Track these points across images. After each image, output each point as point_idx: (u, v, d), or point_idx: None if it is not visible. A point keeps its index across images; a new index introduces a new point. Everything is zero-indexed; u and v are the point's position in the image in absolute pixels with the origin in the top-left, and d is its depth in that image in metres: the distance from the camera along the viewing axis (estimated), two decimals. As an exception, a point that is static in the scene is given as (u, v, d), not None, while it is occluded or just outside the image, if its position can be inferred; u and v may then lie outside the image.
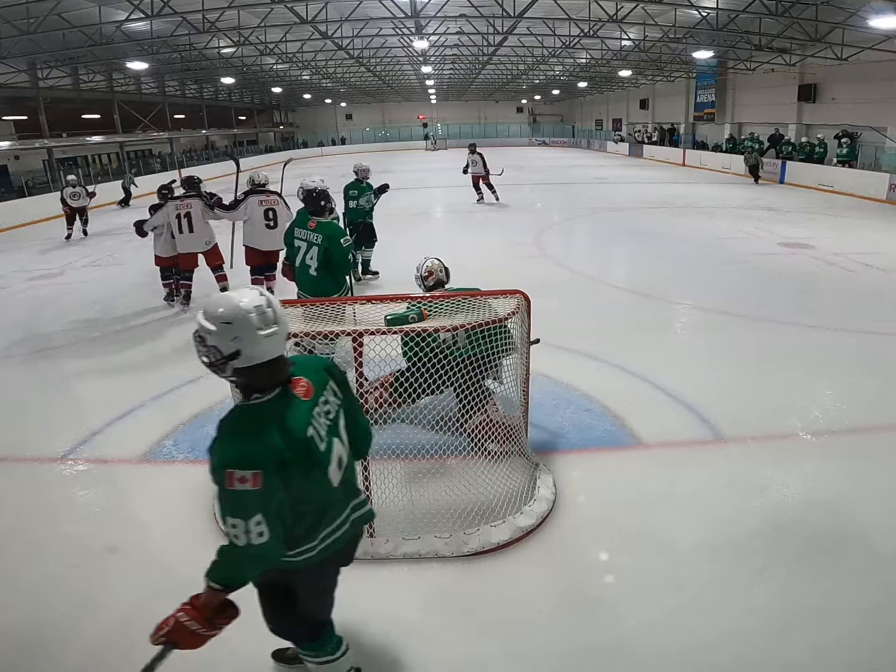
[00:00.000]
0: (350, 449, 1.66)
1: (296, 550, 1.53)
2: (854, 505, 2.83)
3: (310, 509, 1.51)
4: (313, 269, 4.00)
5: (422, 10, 14.01)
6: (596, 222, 10.87)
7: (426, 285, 3.47)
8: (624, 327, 5.26)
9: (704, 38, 15.92)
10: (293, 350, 2.84)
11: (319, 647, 1.74)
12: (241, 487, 1.33)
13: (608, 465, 3.26)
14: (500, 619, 2.27)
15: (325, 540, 1.56)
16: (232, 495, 1.35)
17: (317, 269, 4.00)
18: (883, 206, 12.00)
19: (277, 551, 1.44)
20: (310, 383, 1.52)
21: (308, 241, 4.00)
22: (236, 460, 1.34)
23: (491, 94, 37.38)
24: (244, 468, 1.33)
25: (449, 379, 2.78)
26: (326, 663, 1.74)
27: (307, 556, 1.54)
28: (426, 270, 3.47)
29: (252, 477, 1.33)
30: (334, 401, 1.59)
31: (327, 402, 1.56)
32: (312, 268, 4.00)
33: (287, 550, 1.49)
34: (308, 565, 1.56)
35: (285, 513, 1.41)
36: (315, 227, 3.98)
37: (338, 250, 3.94)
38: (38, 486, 3.23)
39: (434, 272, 3.47)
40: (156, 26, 14.00)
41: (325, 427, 1.52)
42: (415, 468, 2.96)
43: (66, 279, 7.93)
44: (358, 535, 1.71)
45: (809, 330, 5.14)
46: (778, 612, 2.24)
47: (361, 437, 1.76)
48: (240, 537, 1.37)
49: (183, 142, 29.38)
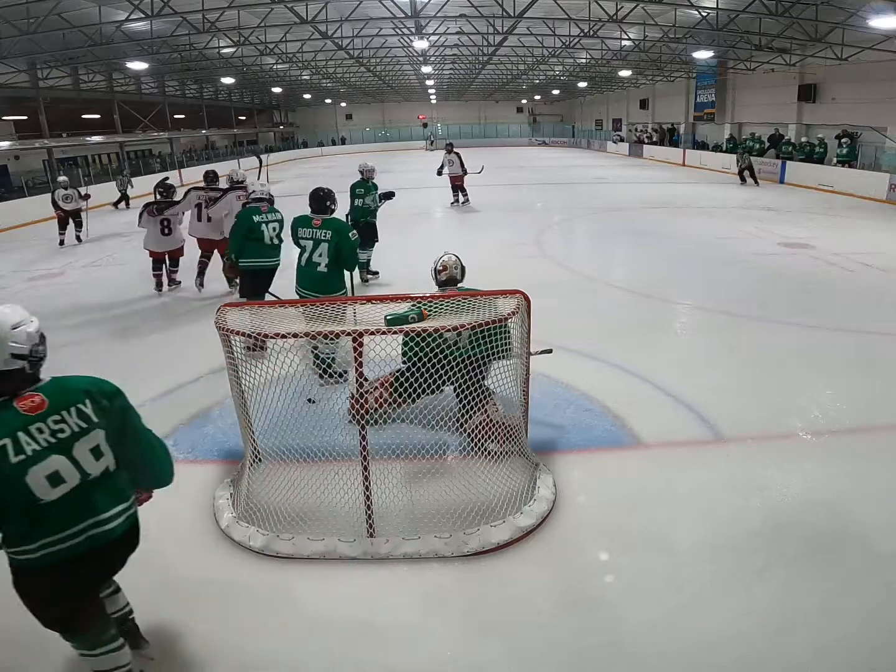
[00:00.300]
0: (113, 470, 1.79)
1: (13, 549, 1.66)
2: (854, 505, 2.83)
3: (13, 513, 1.62)
4: (322, 265, 4.00)
5: (422, 10, 14.01)
6: (596, 222, 10.87)
7: (438, 280, 3.46)
8: (624, 327, 5.26)
9: (704, 38, 15.92)
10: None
11: (75, 642, 1.85)
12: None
13: (608, 465, 3.26)
14: (500, 619, 2.27)
15: (46, 548, 1.65)
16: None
17: (327, 266, 4.01)
18: (883, 206, 12.00)
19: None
20: (45, 401, 1.65)
21: (315, 239, 3.99)
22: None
23: (491, 94, 37.38)
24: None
25: (449, 378, 2.78)
26: (85, 656, 1.85)
27: (27, 557, 1.66)
28: (441, 265, 3.45)
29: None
30: (76, 422, 1.69)
31: (62, 421, 1.66)
32: (321, 265, 4.01)
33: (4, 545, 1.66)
34: (30, 565, 1.67)
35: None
36: (321, 224, 4.00)
37: (347, 243, 3.97)
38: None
39: (448, 268, 3.44)
40: (156, 26, 14.00)
41: (45, 443, 1.62)
42: (415, 468, 2.96)
43: (66, 279, 7.93)
44: (105, 550, 1.77)
45: (809, 330, 5.14)
46: (778, 612, 2.24)
47: (145, 461, 1.98)
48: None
49: (183, 142, 29.38)
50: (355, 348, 2.57)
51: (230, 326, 2.62)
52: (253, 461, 3.00)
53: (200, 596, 2.40)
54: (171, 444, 3.52)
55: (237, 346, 2.78)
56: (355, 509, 2.67)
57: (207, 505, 2.95)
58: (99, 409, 1.76)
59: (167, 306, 6.33)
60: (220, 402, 3.92)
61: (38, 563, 1.66)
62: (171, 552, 2.64)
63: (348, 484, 2.71)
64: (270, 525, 2.69)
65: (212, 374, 4.42)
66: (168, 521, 2.86)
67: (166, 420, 3.79)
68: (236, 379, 2.88)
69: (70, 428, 1.67)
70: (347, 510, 2.68)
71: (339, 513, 2.69)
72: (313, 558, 2.57)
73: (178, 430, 3.69)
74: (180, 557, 2.63)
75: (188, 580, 2.50)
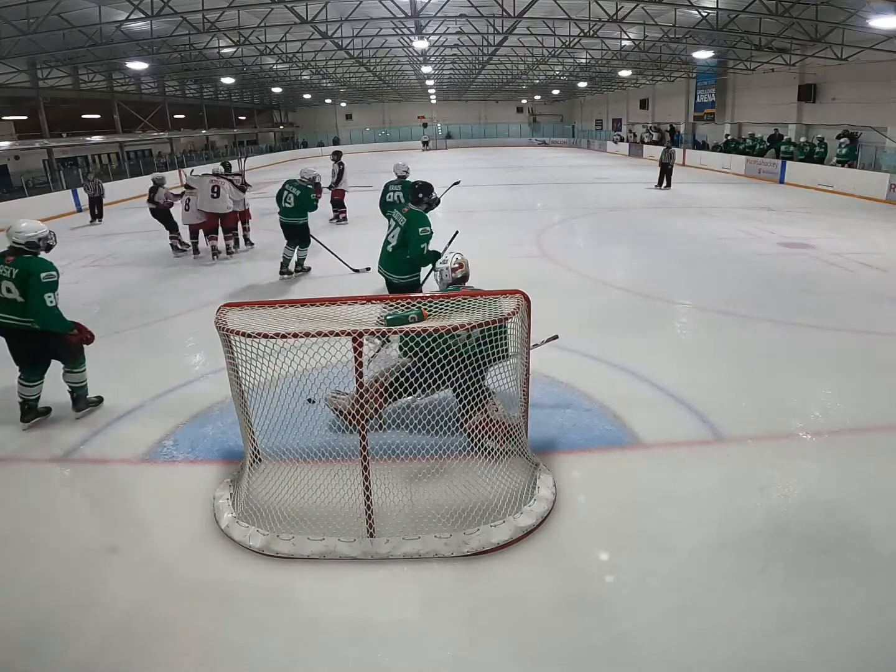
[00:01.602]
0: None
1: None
2: (854, 505, 2.83)
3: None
4: (391, 246, 4.53)
5: (422, 10, 14.00)
6: (596, 222, 10.87)
7: (454, 276, 3.53)
8: (624, 327, 5.26)
9: (704, 38, 15.92)
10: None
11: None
12: None
13: (608, 465, 3.26)
14: (500, 619, 2.27)
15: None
16: None
17: (394, 248, 4.50)
18: (883, 206, 12.00)
19: None
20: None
21: (397, 222, 4.54)
22: None
23: (491, 94, 37.37)
24: None
25: (450, 378, 2.78)
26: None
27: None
28: (456, 262, 3.54)
29: None
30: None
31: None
32: (391, 245, 4.53)
33: None
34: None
35: None
36: (407, 212, 4.51)
37: (413, 235, 4.36)
38: (39, 486, 3.23)
39: (464, 265, 3.56)
40: (156, 26, 13.99)
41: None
42: (415, 468, 2.96)
43: (66, 279, 7.87)
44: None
45: (809, 330, 5.14)
46: (778, 612, 2.24)
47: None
48: None
49: (183, 142, 29.37)
50: (355, 348, 2.57)
51: (230, 326, 2.62)
52: (253, 461, 3.00)
53: (200, 596, 2.40)
54: (172, 444, 3.55)
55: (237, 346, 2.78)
56: (355, 509, 2.67)
57: (207, 505, 2.95)
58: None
59: (167, 306, 6.33)
60: (220, 402, 3.93)
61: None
62: (171, 552, 2.65)
63: (348, 484, 2.71)
64: (270, 525, 2.69)
65: (212, 374, 4.43)
66: (168, 521, 2.87)
67: (166, 420, 3.80)
68: (236, 379, 2.88)
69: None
70: (347, 510, 2.68)
71: (338, 513, 2.69)
72: (313, 558, 2.57)
73: (178, 430, 3.69)
74: (180, 557, 2.63)
75: (188, 580, 2.50)
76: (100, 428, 3.76)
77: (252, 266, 8.08)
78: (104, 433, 3.71)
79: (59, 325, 3.59)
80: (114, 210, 14.89)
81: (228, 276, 7.55)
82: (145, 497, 3.08)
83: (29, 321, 3.55)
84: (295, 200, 6.87)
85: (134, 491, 3.14)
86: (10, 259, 3.54)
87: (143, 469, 3.34)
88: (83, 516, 2.97)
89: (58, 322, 3.58)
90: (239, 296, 6.48)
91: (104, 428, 3.76)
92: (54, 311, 3.54)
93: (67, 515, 2.97)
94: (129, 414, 3.92)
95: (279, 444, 2.92)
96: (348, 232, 10.16)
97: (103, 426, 3.77)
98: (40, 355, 3.71)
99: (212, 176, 8.22)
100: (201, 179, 8.15)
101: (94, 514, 3.00)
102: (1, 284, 3.53)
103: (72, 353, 3.75)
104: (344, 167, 10.55)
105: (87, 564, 2.59)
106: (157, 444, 3.54)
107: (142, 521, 2.88)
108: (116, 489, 3.17)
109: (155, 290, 6.74)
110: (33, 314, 3.51)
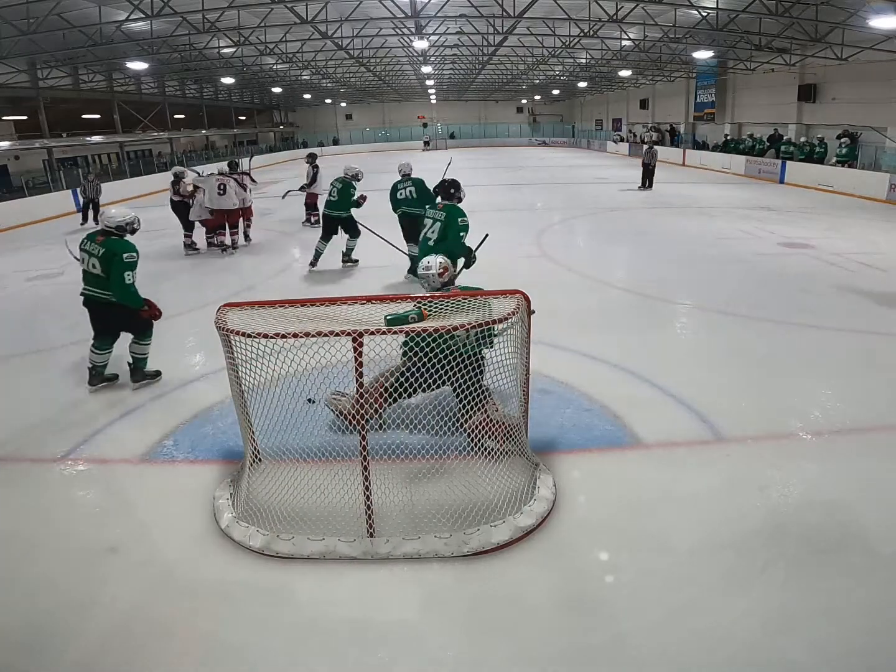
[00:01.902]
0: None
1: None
2: (854, 505, 2.83)
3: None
4: (432, 241, 4.85)
5: (422, 10, 14.01)
6: (596, 222, 10.87)
7: (442, 281, 3.49)
8: (624, 327, 5.26)
9: (704, 38, 15.92)
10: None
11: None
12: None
13: (608, 465, 3.26)
14: (500, 619, 2.27)
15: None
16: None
17: (434, 242, 4.82)
18: (883, 206, 12.00)
19: None
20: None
21: (434, 219, 4.88)
22: None
23: (491, 94, 37.37)
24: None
25: (450, 378, 2.78)
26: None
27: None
28: (441, 267, 3.48)
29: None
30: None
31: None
32: (431, 240, 4.86)
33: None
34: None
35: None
36: (442, 207, 4.90)
37: (453, 225, 4.71)
38: (38, 486, 3.23)
39: (448, 268, 3.52)
40: (156, 26, 13.99)
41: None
42: (415, 468, 2.96)
43: (66, 279, 7.90)
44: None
45: (809, 330, 5.14)
46: (778, 612, 2.24)
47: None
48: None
49: (183, 142, 29.37)
50: (355, 348, 2.57)
51: (230, 326, 2.62)
52: (253, 461, 3.00)
53: (200, 596, 2.40)
54: (172, 444, 3.55)
55: (237, 346, 2.78)
56: (355, 509, 2.67)
57: (207, 505, 2.95)
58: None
59: (167, 306, 6.29)
60: (220, 402, 3.93)
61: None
62: (171, 552, 2.65)
63: (348, 484, 2.71)
64: (270, 525, 2.69)
65: (212, 374, 4.43)
66: (168, 521, 2.87)
67: (166, 420, 3.80)
68: (236, 379, 2.88)
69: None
70: (347, 510, 2.68)
71: (338, 513, 2.69)
72: (313, 558, 2.57)
73: (178, 430, 3.69)
74: (180, 557, 2.63)
75: (188, 580, 2.50)
76: (100, 428, 3.76)
77: (252, 266, 8.09)
78: (104, 433, 3.71)
79: (133, 301, 4.10)
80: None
81: (228, 276, 7.55)
82: (145, 497, 3.08)
83: (107, 294, 4.09)
84: (338, 194, 7.23)
85: (134, 491, 3.14)
86: (100, 239, 4.11)
87: (143, 469, 3.34)
88: (83, 516, 2.97)
89: (133, 298, 4.10)
90: (239, 296, 6.48)
91: (104, 428, 3.76)
92: (131, 287, 4.05)
93: (67, 515, 2.97)
94: (129, 414, 3.92)
95: (279, 444, 2.92)
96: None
97: (103, 426, 3.78)
98: (111, 325, 4.22)
99: (217, 174, 8.63)
100: (208, 178, 8.57)
101: (94, 514, 3.00)
102: (89, 261, 4.13)
103: (140, 327, 4.25)
104: (318, 170, 10.44)
105: (87, 564, 2.59)
106: (157, 444, 3.54)
107: (142, 521, 2.88)
108: (116, 489, 3.18)
109: (155, 290, 6.68)
110: (113, 289, 4.04)
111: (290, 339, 2.48)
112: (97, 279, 4.11)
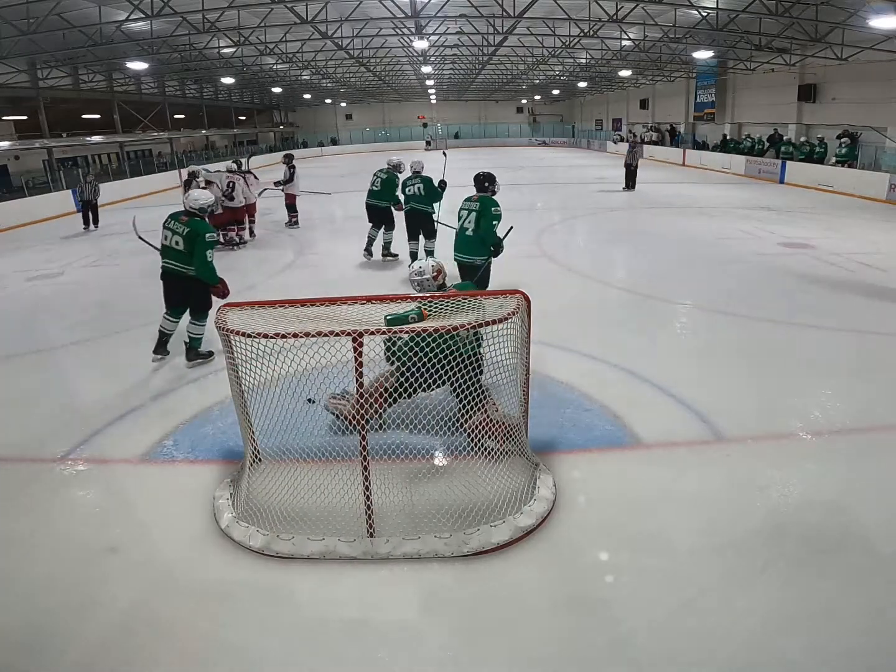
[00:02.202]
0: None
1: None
2: (854, 505, 2.83)
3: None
4: (469, 231, 4.93)
5: (422, 10, 14.00)
6: (596, 222, 10.87)
7: (436, 284, 3.51)
8: (624, 327, 5.26)
9: (704, 38, 15.92)
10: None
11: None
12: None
13: (608, 465, 3.26)
14: (501, 619, 2.27)
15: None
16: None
17: (473, 231, 4.90)
18: (883, 206, 11.99)
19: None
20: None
21: (469, 210, 4.97)
22: None
23: (491, 94, 37.36)
24: None
25: (450, 378, 2.78)
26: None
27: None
28: (434, 270, 3.51)
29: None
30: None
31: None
32: (469, 230, 4.93)
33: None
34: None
35: None
36: (476, 199, 4.99)
37: (487, 214, 4.82)
38: (38, 486, 3.23)
39: (442, 270, 3.55)
40: (156, 26, 13.99)
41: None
42: (415, 468, 2.96)
43: (66, 279, 7.93)
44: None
45: (809, 330, 5.14)
46: (778, 612, 2.24)
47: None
48: None
49: (183, 142, 29.36)
50: (355, 348, 2.57)
51: (230, 326, 2.62)
52: (253, 461, 3.00)
53: (200, 596, 2.40)
54: (172, 444, 3.55)
55: (237, 346, 2.78)
56: (355, 509, 2.67)
57: (207, 505, 2.95)
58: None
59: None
60: (220, 402, 3.93)
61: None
62: (171, 552, 2.65)
63: (348, 484, 2.71)
64: (270, 525, 2.69)
65: (212, 374, 4.43)
66: (168, 521, 2.87)
67: (166, 420, 3.80)
68: (236, 379, 2.88)
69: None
70: (347, 510, 2.68)
71: (338, 513, 2.69)
72: (313, 558, 2.57)
73: (178, 430, 3.69)
74: (180, 557, 2.63)
75: (188, 580, 2.50)
76: (100, 428, 3.76)
77: (253, 265, 8.09)
78: (104, 433, 3.71)
79: (211, 277, 4.53)
80: (114, 210, 14.90)
81: (229, 276, 7.51)
82: (145, 497, 3.08)
83: (184, 268, 4.49)
84: (381, 184, 7.53)
85: (134, 491, 3.14)
86: (185, 219, 4.51)
87: (143, 469, 3.34)
88: (83, 516, 2.97)
89: (211, 274, 4.52)
90: (240, 295, 6.47)
91: (104, 428, 3.76)
92: (210, 264, 4.48)
93: (67, 515, 2.96)
94: (129, 414, 3.92)
95: (279, 444, 2.92)
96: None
97: (103, 426, 3.78)
98: (182, 297, 4.64)
99: (226, 172, 9.07)
100: (218, 176, 8.92)
101: (94, 514, 2.99)
102: (172, 238, 4.49)
103: (202, 306, 4.64)
104: (295, 170, 10.39)
105: (87, 564, 2.59)
106: (157, 444, 3.54)
107: (142, 521, 2.88)
108: (116, 489, 3.17)
109: (155, 290, 6.70)
110: (195, 264, 4.44)
111: (290, 339, 2.48)
112: (179, 254, 4.47)
